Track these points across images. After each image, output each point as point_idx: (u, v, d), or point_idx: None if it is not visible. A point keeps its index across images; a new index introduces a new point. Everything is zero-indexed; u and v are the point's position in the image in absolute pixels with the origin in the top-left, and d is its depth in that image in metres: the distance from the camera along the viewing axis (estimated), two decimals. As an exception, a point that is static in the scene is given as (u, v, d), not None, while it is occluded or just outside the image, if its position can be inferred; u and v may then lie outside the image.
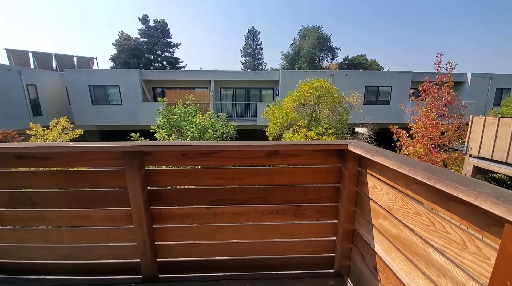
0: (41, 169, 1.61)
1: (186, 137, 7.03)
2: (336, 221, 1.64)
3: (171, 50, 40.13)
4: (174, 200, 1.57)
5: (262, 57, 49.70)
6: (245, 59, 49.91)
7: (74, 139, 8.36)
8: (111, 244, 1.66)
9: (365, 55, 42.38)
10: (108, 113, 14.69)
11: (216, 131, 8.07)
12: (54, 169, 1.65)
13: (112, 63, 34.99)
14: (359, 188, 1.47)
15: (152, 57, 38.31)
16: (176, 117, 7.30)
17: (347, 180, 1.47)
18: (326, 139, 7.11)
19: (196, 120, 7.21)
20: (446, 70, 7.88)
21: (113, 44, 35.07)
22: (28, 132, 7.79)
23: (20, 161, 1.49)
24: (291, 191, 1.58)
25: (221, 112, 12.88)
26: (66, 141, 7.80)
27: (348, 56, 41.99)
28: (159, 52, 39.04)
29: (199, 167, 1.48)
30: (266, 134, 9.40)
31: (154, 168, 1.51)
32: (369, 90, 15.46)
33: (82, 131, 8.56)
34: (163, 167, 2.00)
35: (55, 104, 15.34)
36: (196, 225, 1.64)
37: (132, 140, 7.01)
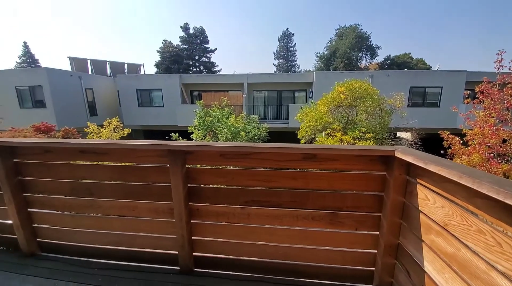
0: (99, 163, 1.82)
1: (219, 138, 7.29)
2: (378, 233, 1.52)
3: (208, 55, 42.22)
4: (210, 198, 1.63)
5: (295, 59, 49.20)
6: (278, 61, 49.94)
7: (122, 137, 9.32)
8: (153, 234, 1.79)
9: (409, 53, 38.86)
10: (151, 114, 16.04)
11: (248, 132, 8.21)
12: (110, 163, 1.84)
13: (156, 69, 38.15)
14: (406, 199, 1.34)
15: (190, 62, 40.77)
16: (211, 118, 7.63)
17: (392, 189, 1.36)
18: (364, 144, 6.69)
19: (230, 122, 7.43)
20: (510, 69, 6.79)
21: (157, 51, 38.25)
22: (85, 130, 8.93)
23: (82, 155, 1.71)
24: (328, 197, 1.51)
25: (253, 114, 13.08)
26: (116, 139, 8.73)
27: (390, 55, 39.02)
28: (197, 57, 41.38)
29: (236, 167, 1.52)
30: (298, 137, 9.24)
31: (194, 166, 1.60)
32: (414, 92, 14.12)
33: (130, 130, 9.49)
34: (199, 166, 2.10)
35: (108, 106, 17.32)
36: (230, 224, 1.68)
37: (172, 140, 7.53)
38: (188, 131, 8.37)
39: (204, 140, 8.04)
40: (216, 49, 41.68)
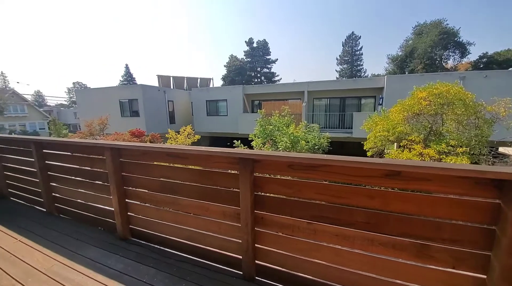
0: (181, 166, 2.07)
1: (279, 146, 7.34)
2: (485, 276, 1.19)
3: (269, 66, 43.86)
4: (276, 208, 1.62)
5: (361, 63, 45.65)
6: (340, 67, 47.41)
7: (193, 142, 10.54)
8: (221, 236, 1.89)
9: (516, 48, 30.54)
10: (216, 122, 17.63)
11: (308, 142, 7.97)
12: (190, 166, 2.07)
13: (222, 81, 42.03)
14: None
15: (253, 74, 43.19)
16: (271, 127, 7.78)
17: (510, 223, 1.04)
18: (454, 160, 5.50)
19: (290, 131, 7.40)
20: None
21: (224, 66, 42.19)
22: (166, 135, 10.51)
23: (169, 158, 1.99)
24: (415, 223, 1.28)
25: (313, 123, 12.66)
26: (189, 144, 9.94)
27: (486, 52, 31.57)
28: (259, 68, 43.55)
29: (304, 179, 1.47)
30: (365, 148, 8.39)
31: (261, 175, 1.63)
32: (527, 96, 10.87)
33: (199, 136, 10.66)
34: (267, 175, 2.14)
35: (183, 115, 20.06)
36: (294, 237, 1.62)
37: (235, 147, 8.04)
38: (249, 138, 8.77)
39: (263, 148, 8.25)
40: (277, 59, 42.90)
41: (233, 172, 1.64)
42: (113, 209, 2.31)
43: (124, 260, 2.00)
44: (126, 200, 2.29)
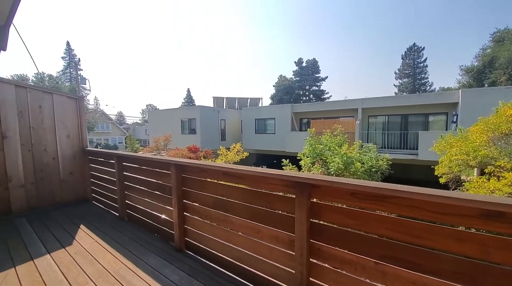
0: (236, 184, 2.12)
1: (330, 167, 6.91)
2: None
3: (318, 84, 43.35)
4: (335, 240, 1.46)
5: (426, 75, 40.87)
6: (400, 81, 43.34)
7: (242, 159, 10.89)
8: (272, 262, 1.79)
9: None
10: (264, 140, 17.97)
11: (364, 163, 7.28)
12: (244, 186, 2.10)
13: (271, 100, 43.27)
14: None
15: (301, 92, 43.24)
16: (321, 146, 7.45)
17: None
18: None
19: (342, 151, 6.93)
20: None
21: (273, 85, 43.62)
22: (218, 151, 11.18)
23: (224, 176, 2.06)
24: None
25: (368, 142, 11.61)
26: (238, 161, 10.32)
27: None
28: (307, 87, 43.43)
29: (371, 211, 1.30)
30: (436, 173, 7.16)
31: (320, 201, 1.52)
32: None
33: (248, 154, 10.98)
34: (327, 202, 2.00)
35: (233, 133, 21.25)
36: (357, 277, 1.42)
37: (283, 165, 7.94)
38: (298, 157, 8.55)
39: (312, 168, 7.89)
40: (327, 77, 42.14)
41: (288, 195, 1.58)
42: (173, 220, 2.49)
43: (180, 272, 2.09)
44: (184, 213, 2.44)
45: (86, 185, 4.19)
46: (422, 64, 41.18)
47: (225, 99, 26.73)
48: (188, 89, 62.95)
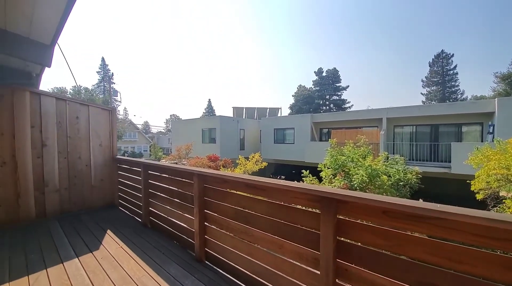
0: (257, 197, 2.09)
1: (353, 179, 6.61)
2: None
3: (338, 93, 42.53)
4: (365, 262, 1.36)
5: (456, 83, 38.44)
6: (427, 89, 41.15)
7: (261, 169, 10.84)
8: (294, 280, 1.70)
9: None
10: (283, 150, 17.80)
11: (390, 176, 6.87)
12: (266, 199, 2.06)
13: (290, 110, 43.14)
14: None
15: (321, 102, 42.65)
16: (344, 157, 7.18)
17: None
18: None
19: (366, 163, 6.61)
20: None
21: (292, 95, 43.59)
22: (237, 161, 11.25)
23: (247, 188, 2.04)
24: None
25: (394, 154, 11.00)
26: (256, 170, 10.29)
27: None
28: (327, 96, 42.77)
29: (407, 232, 1.19)
30: (473, 188, 6.54)
31: (347, 218, 1.43)
32: None
33: (267, 163, 10.92)
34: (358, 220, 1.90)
35: (252, 142, 21.36)
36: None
37: (303, 177, 7.75)
38: (318, 168, 8.31)
39: (333, 180, 7.60)
40: (348, 86, 41.27)
41: (313, 210, 1.51)
42: (193, 230, 2.50)
43: (199, 283, 2.07)
44: (205, 223, 2.44)
45: (114, 191, 4.41)
46: (451, 71, 38.85)
47: (244, 109, 27.15)
48: (209, 99, 65.04)
